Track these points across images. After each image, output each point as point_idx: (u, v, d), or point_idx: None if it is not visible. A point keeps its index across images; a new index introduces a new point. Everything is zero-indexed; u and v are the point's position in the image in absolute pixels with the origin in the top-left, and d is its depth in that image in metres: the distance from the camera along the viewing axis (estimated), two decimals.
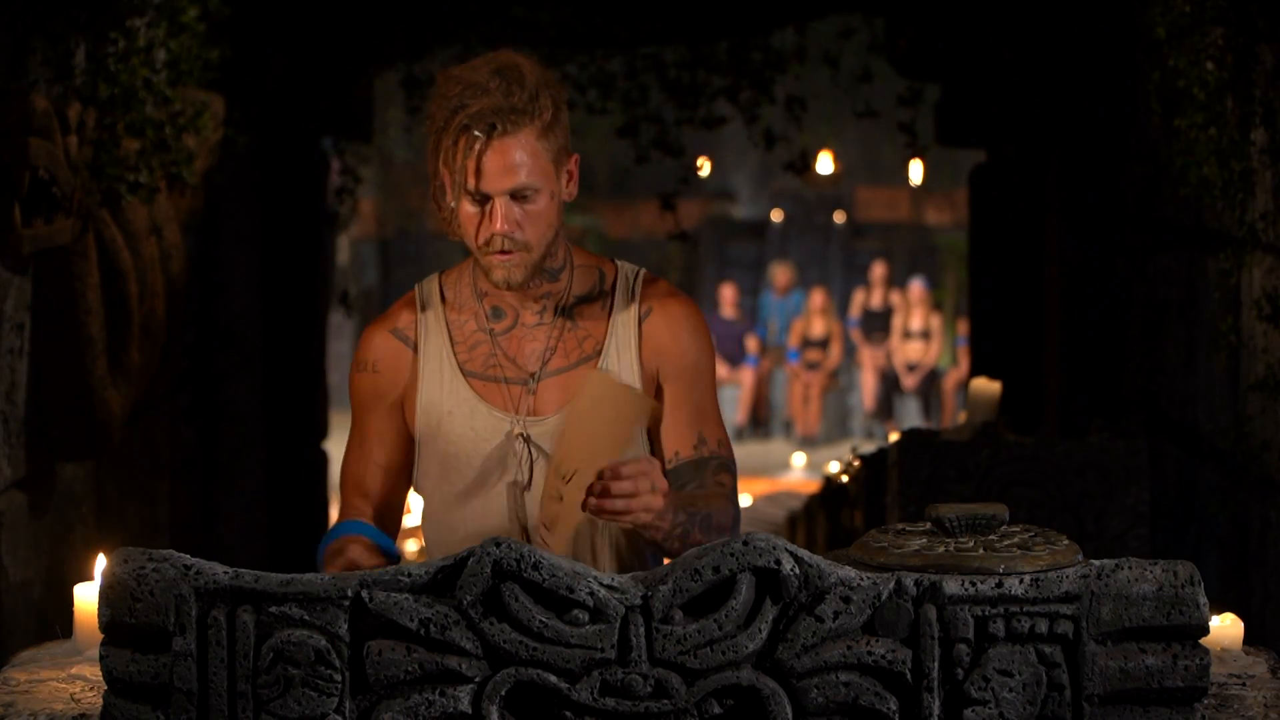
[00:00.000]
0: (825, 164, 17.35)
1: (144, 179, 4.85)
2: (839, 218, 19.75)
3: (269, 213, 7.57)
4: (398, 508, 2.98)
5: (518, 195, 2.80)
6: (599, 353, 2.91)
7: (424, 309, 2.96)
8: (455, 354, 2.92)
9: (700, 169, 8.55)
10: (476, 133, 2.77)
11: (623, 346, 2.92)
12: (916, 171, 15.47)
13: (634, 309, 2.94)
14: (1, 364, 4.36)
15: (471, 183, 2.79)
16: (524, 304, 2.92)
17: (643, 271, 2.99)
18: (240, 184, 6.95)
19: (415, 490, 3.01)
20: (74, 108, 4.42)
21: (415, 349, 2.94)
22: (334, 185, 8.00)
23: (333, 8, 7.27)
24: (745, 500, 10.99)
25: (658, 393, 2.93)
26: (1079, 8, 6.94)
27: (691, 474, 2.89)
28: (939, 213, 19.98)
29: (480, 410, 2.89)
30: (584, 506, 2.69)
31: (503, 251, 2.83)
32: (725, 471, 2.92)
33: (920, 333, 16.78)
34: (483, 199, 2.80)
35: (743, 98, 7.75)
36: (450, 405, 2.90)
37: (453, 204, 2.83)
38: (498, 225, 2.80)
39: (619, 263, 3.00)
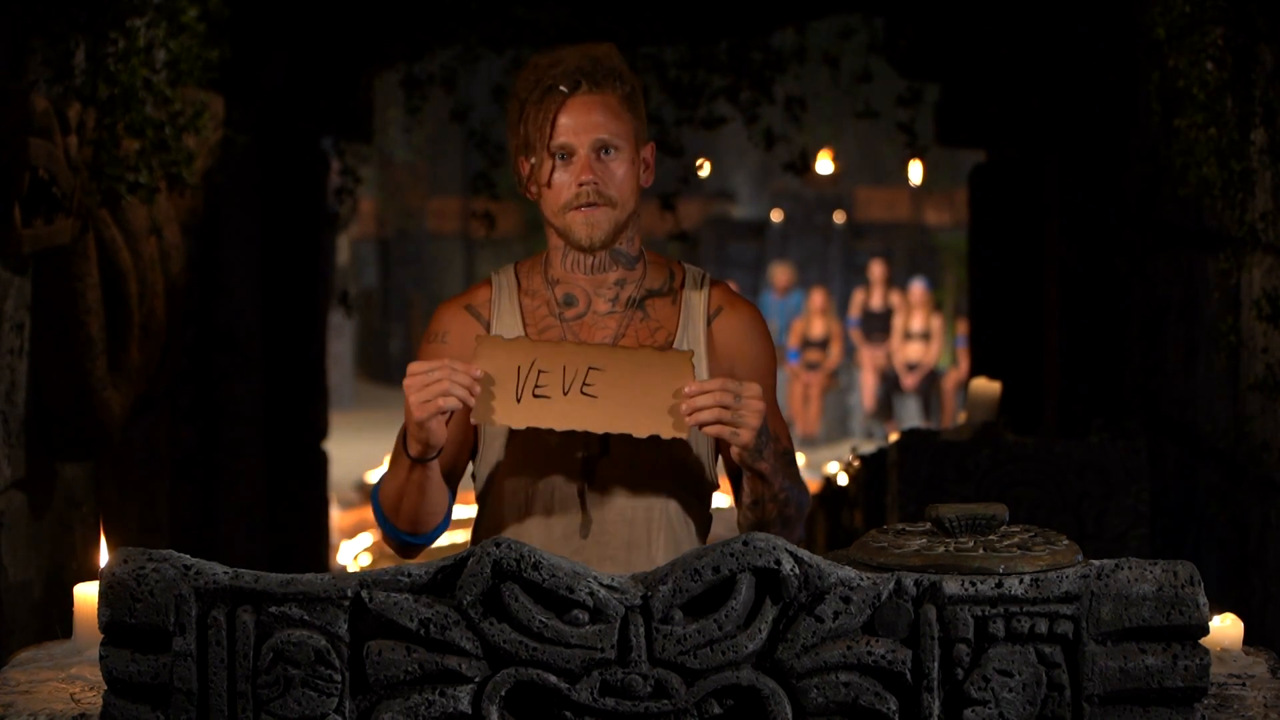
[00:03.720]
0: (825, 164, 17.37)
1: (144, 179, 4.85)
2: (839, 218, 19.76)
3: (269, 213, 7.57)
4: (456, 478, 3.01)
5: (601, 151, 2.89)
6: (670, 344, 2.97)
7: (499, 290, 3.03)
8: (526, 334, 2.97)
9: (700, 169, 8.55)
10: (562, 88, 2.88)
11: (692, 341, 2.98)
12: (916, 171, 15.48)
13: (702, 308, 3.01)
14: (1, 364, 4.36)
15: (555, 136, 2.88)
16: (597, 291, 2.99)
17: (707, 274, 3.07)
18: (240, 184, 6.94)
19: (474, 473, 3.05)
20: (74, 108, 4.42)
21: (488, 326, 3.00)
22: (334, 185, 7.99)
23: (333, 8, 7.27)
24: None
25: None
26: (1079, 8, 6.94)
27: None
28: (939, 213, 20.00)
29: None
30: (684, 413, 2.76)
31: (588, 205, 2.90)
32: (794, 463, 3.00)
33: (921, 334, 16.79)
34: (567, 155, 2.89)
35: (743, 98, 7.75)
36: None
37: (533, 161, 2.90)
38: (584, 174, 2.88)
39: (685, 265, 3.08)
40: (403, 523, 2.93)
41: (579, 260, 2.97)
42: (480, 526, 3.04)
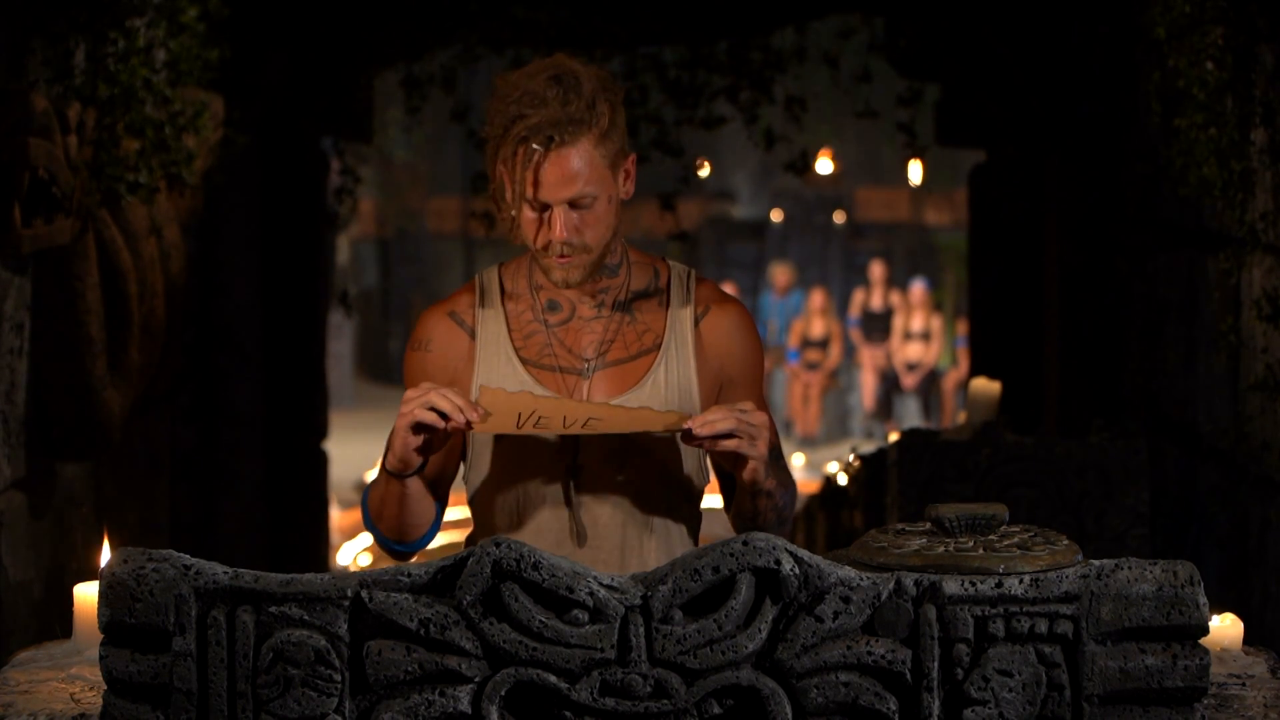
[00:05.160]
0: (825, 164, 17.36)
1: (144, 179, 4.85)
2: (839, 218, 19.77)
3: (269, 213, 7.57)
4: (444, 485, 3.00)
5: (576, 203, 2.87)
6: (659, 346, 2.96)
7: (483, 296, 3.01)
8: (511, 340, 2.96)
9: (700, 169, 8.55)
10: (535, 145, 2.83)
11: (681, 342, 2.97)
12: (916, 171, 15.49)
13: (689, 307, 3.00)
14: (1, 364, 4.36)
15: (531, 192, 2.85)
16: (581, 298, 2.98)
17: (693, 271, 3.06)
18: (240, 184, 6.94)
19: (465, 478, 3.04)
20: (74, 108, 4.42)
21: (472, 334, 2.98)
22: (334, 185, 7.99)
23: (333, 8, 7.27)
24: None
25: (719, 391, 3.00)
26: (1079, 8, 6.94)
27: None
28: (939, 213, 20.00)
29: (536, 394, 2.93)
30: (687, 440, 2.77)
31: (562, 256, 2.89)
32: (782, 457, 3.00)
33: (921, 334, 16.79)
34: (542, 207, 2.87)
35: (743, 98, 7.75)
36: (506, 388, 2.93)
37: (514, 212, 2.89)
38: (557, 233, 2.86)
39: (670, 262, 3.07)
40: (387, 531, 2.95)
41: None
42: (473, 536, 3.04)
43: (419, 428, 2.79)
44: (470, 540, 3.04)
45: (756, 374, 3.02)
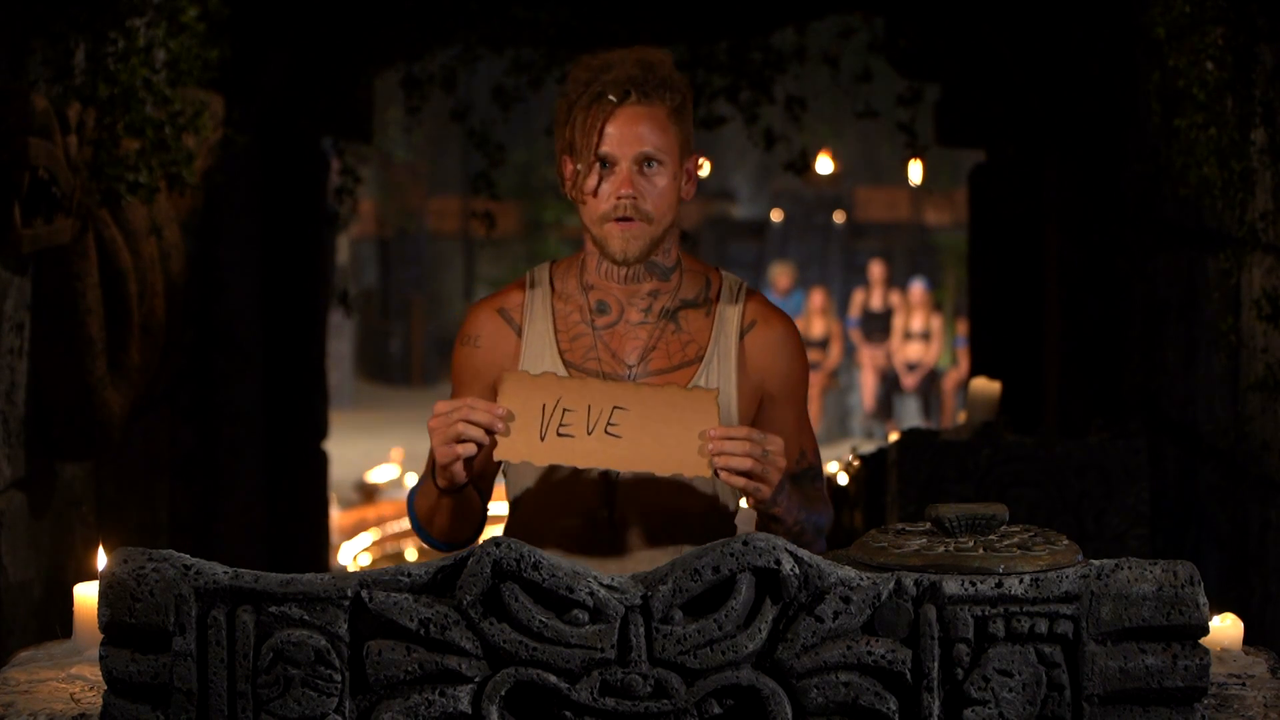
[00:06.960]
0: (825, 164, 17.37)
1: (144, 179, 4.85)
2: (839, 218, 19.78)
3: (269, 213, 7.57)
4: (487, 481, 3.01)
5: (643, 165, 2.89)
6: (701, 358, 2.96)
7: (533, 292, 3.01)
8: (557, 341, 2.96)
9: (700, 169, 8.54)
10: (610, 97, 2.87)
11: (724, 355, 2.97)
12: (916, 171, 15.49)
13: (737, 320, 2.99)
14: (1, 364, 4.36)
15: (600, 145, 2.88)
16: (630, 300, 2.97)
17: (745, 284, 3.05)
18: (240, 184, 6.94)
19: (504, 472, 3.05)
20: (74, 108, 4.42)
21: (519, 331, 2.99)
22: (334, 185, 7.99)
23: (333, 8, 7.27)
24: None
25: (760, 407, 2.99)
26: (1079, 7, 6.94)
27: (796, 486, 2.96)
28: (939, 213, 20.02)
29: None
30: (708, 454, 2.74)
31: (625, 219, 2.89)
32: (820, 478, 3.01)
33: (921, 334, 16.79)
34: (610, 165, 2.88)
35: (743, 98, 7.75)
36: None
37: (579, 166, 2.90)
38: (623, 187, 2.87)
39: (723, 272, 3.07)
40: (436, 534, 2.97)
41: (613, 268, 2.96)
42: (509, 531, 3.03)
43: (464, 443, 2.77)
44: (507, 534, 3.04)
45: (800, 391, 3.01)
